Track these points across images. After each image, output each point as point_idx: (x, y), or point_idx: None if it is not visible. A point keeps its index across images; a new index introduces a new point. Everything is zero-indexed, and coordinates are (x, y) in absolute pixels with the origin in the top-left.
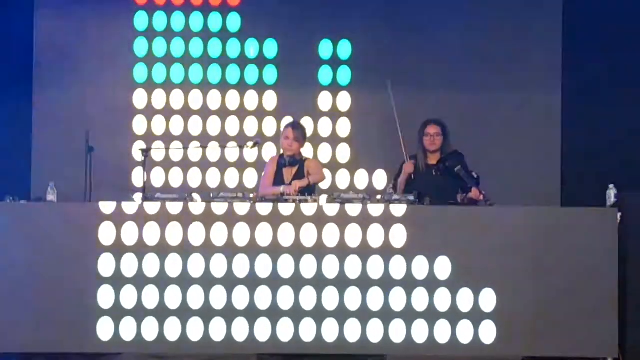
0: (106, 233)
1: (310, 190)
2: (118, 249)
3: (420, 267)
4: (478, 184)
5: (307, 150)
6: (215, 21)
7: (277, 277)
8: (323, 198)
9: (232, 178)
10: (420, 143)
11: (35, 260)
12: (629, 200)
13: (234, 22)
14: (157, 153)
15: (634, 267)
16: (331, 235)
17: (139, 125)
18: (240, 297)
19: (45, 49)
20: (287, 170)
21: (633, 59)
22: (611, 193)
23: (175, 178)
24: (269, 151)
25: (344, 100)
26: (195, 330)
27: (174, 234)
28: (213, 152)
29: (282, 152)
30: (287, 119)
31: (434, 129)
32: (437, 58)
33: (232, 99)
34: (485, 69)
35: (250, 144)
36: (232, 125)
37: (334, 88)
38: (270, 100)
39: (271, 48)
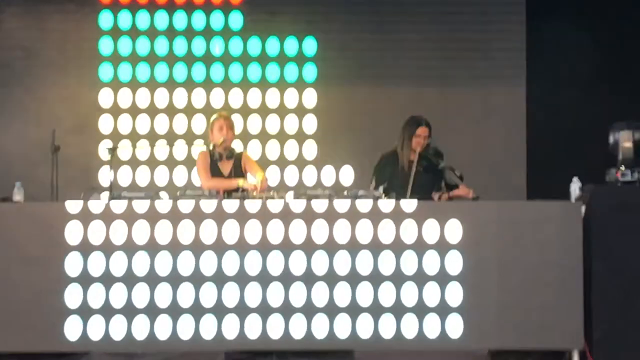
0: (73, 232)
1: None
2: (85, 248)
3: (387, 262)
4: (462, 181)
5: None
6: (180, 19)
7: (244, 274)
8: (290, 194)
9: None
10: (408, 140)
11: (2, 260)
12: (593, 194)
13: (199, 20)
14: (124, 152)
15: (598, 260)
16: (298, 231)
17: (105, 124)
18: (208, 295)
19: (10, 48)
20: (223, 164)
21: (597, 50)
22: (575, 187)
23: (142, 176)
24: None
25: (310, 97)
26: (163, 328)
27: (141, 233)
28: (179, 150)
29: (211, 147)
30: (254, 116)
31: (425, 131)
32: (402, 52)
33: (199, 97)
34: (450, 62)
35: None
36: (199, 123)
37: (300, 85)
38: (237, 97)
39: (237, 46)
